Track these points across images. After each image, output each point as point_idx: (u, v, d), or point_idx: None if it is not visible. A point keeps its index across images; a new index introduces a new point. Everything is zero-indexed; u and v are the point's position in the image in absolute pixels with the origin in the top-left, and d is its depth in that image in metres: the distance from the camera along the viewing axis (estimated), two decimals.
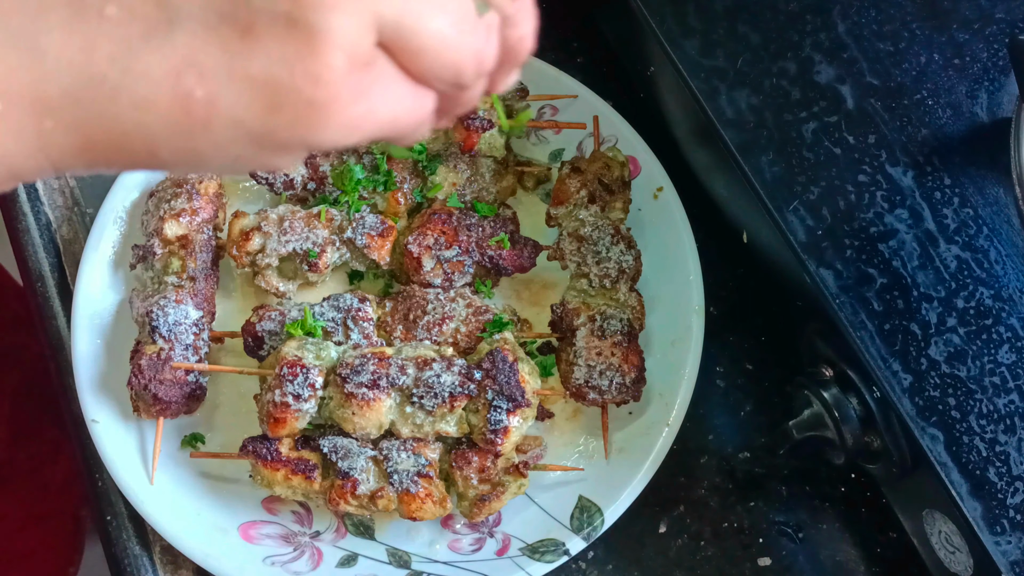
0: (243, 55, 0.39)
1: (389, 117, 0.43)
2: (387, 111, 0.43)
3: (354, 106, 0.41)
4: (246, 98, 0.40)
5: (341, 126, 0.41)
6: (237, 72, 0.40)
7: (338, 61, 0.40)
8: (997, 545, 0.60)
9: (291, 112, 0.40)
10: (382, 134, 0.44)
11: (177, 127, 0.40)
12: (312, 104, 0.40)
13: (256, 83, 0.40)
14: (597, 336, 0.77)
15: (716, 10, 0.74)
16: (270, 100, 0.40)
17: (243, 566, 0.75)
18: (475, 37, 0.44)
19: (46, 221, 0.86)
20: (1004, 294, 0.65)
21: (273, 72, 0.40)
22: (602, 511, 0.76)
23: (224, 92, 0.40)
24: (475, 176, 0.83)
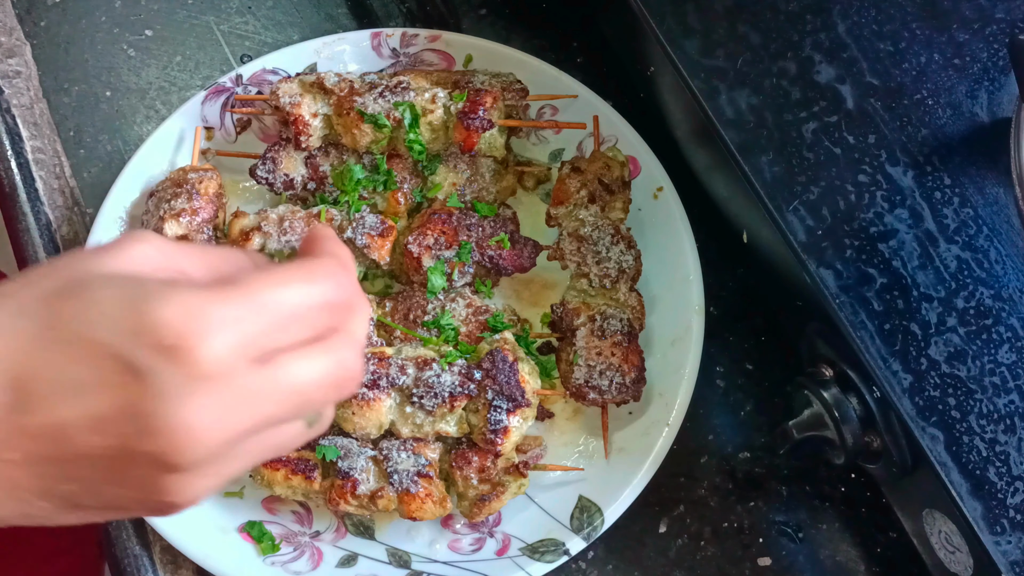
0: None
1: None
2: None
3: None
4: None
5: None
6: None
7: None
8: (997, 545, 0.60)
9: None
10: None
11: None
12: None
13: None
14: (597, 336, 0.77)
15: (716, 10, 0.74)
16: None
17: (243, 566, 0.75)
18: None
19: (46, 221, 0.86)
20: (1004, 294, 0.65)
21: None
22: (602, 511, 0.76)
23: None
24: (475, 176, 0.83)
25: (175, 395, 0.41)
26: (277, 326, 0.44)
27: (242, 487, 0.78)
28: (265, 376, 0.44)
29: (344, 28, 0.94)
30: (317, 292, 0.46)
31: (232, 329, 0.43)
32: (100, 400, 0.42)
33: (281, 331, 0.45)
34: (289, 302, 0.45)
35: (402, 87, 0.81)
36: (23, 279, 0.45)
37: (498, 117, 0.82)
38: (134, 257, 0.45)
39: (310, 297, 0.46)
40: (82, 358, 0.42)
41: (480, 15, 0.94)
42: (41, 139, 0.90)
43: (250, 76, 0.87)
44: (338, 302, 0.47)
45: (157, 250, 0.46)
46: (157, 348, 0.41)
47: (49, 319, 0.43)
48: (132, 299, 0.42)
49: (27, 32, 0.94)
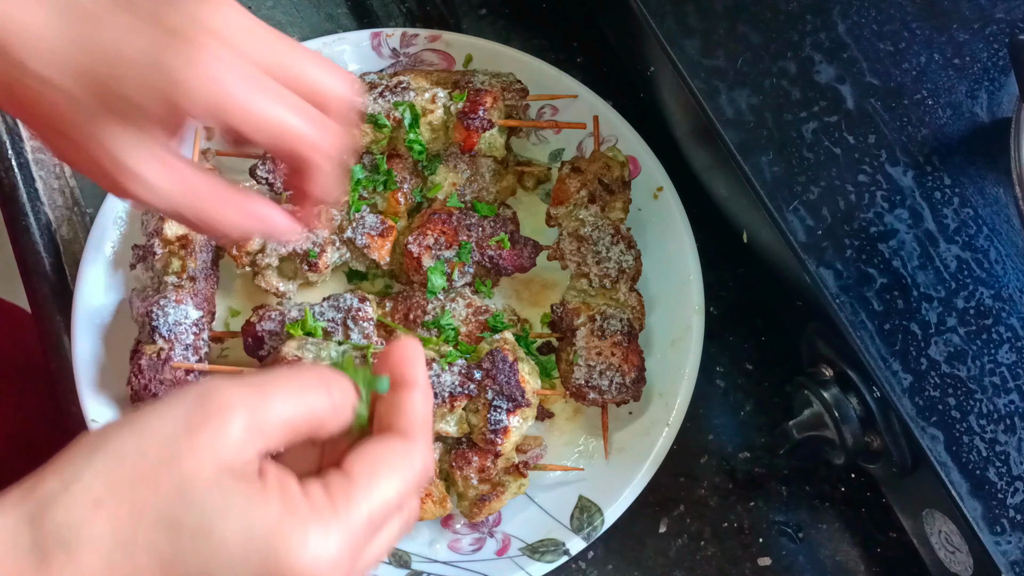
0: None
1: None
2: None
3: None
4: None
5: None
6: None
7: None
8: (997, 545, 0.60)
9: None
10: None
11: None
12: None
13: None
14: (597, 336, 0.77)
15: (716, 10, 0.74)
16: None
17: None
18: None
19: (46, 221, 0.86)
20: (1004, 294, 0.65)
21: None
22: (602, 511, 0.76)
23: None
24: (475, 176, 0.83)
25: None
26: (380, 525, 0.48)
27: None
28: (364, 564, 0.48)
29: (344, 28, 0.94)
30: (414, 480, 0.50)
31: (349, 553, 0.46)
32: None
33: (396, 512, 0.49)
34: (393, 498, 0.48)
35: (402, 87, 0.81)
36: (109, 483, 0.43)
37: (498, 117, 0.82)
38: (230, 447, 0.45)
39: (407, 487, 0.49)
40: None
41: (480, 15, 0.94)
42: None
43: None
44: (428, 465, 0.51)
45: (246, 429, 0.46)
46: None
47: (166, 555, 0.43)
48: (260, 544, 0.43)
49: None
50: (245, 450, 0.45)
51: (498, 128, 0.81)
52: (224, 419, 0.45)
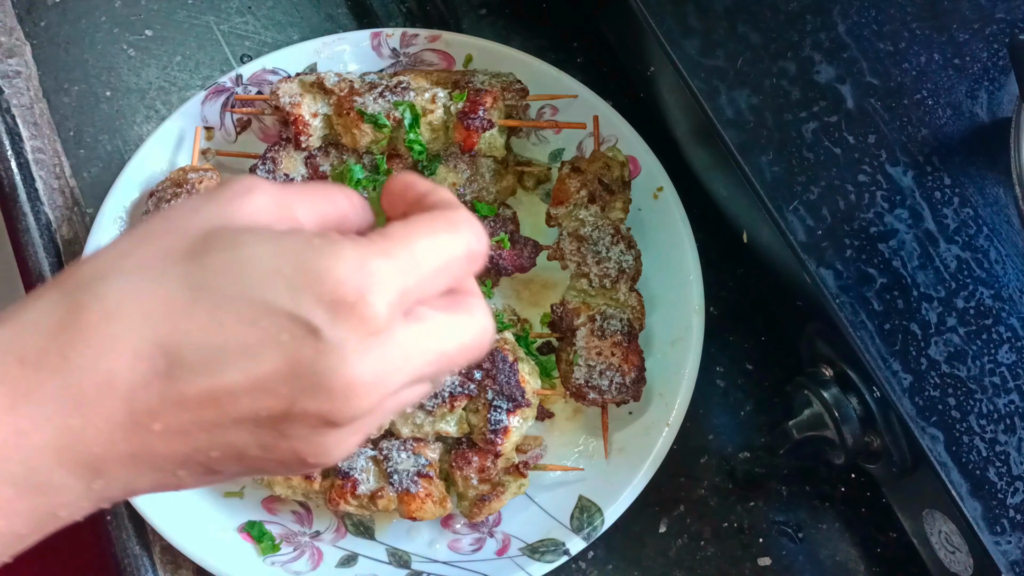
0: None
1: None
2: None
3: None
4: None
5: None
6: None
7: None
8: (997, 545, 0.60)
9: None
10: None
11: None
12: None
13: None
14: (597, 336, 0.77)
15: (716, 10, 0.74)
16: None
17: (243, 566, 0.75)
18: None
19: (46, 221, 0.86)
20: (1004, 294, 0.65)
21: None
22: (602, 511, 0.76)
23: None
24: (475, 176, 0.83)
25: (348, 351, 0.40)
26: (427, 280, 0.44)
27: (242, 487, 0.78)
28: (418, 333, 0.43)
29: (344, 28, 0.94)
30: (462, 243, 0.45)
31: (394, 285, 0.42)
32: (266, 361, 0.40)
33: (429, 283, 0.44)
34: (439, 256, 0.44)
35: (402, 87, 0.81)
36: (136, 240, 0.43)
37: (498, 117, 0.82)
38: (256, 209, 0.43)
39: (456, 248, 0.45)
40: (245, 318, 0.40)
41: (480, 15, 0.94)
42: (41, 139, 0.90)
43: (250, 76, 0.87)
44: (476, 252, 0.46)
45: (272, 199, 0.44)
46: (330, 305, 0.40)
47: (195, 280, 0.41)
48: (294, 255, 0.41)
49: (27, 32, 0.94)
50: (270, 214, 0.43)
51: (498, 128, 0.81)
52: (249, 192, 0.44)
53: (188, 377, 0.40)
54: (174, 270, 0.41)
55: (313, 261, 0.41)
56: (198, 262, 0.41)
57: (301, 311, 0.40)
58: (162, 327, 0.40)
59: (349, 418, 0.42)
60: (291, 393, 0.40)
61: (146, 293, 0.41)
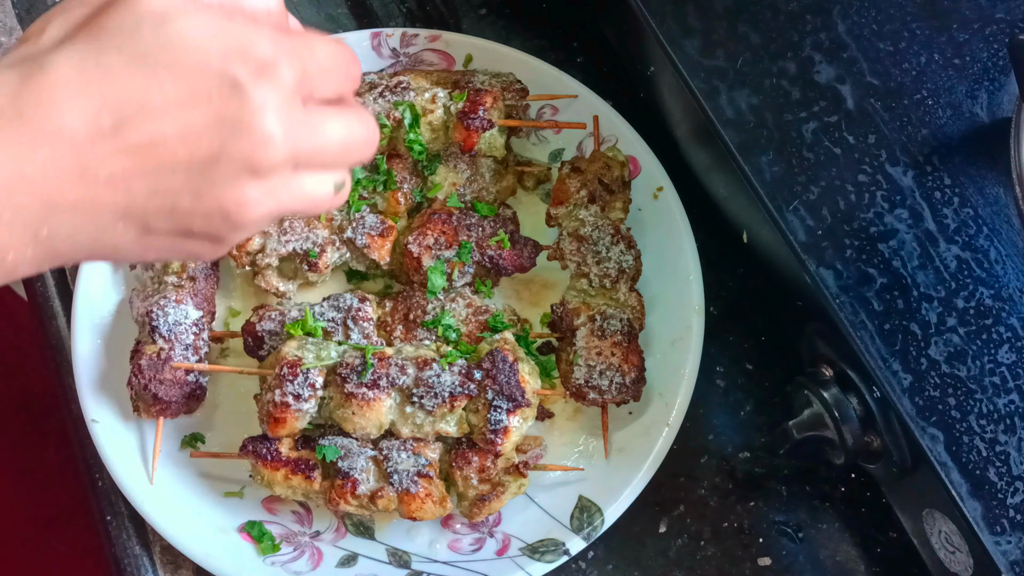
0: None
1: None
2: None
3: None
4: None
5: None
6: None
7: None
8: (997, 545, 0.60)
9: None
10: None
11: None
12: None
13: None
14: (597, 336, 0.77)
15: (716, 10, 0.74)
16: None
17: (243, 566, 0.75)
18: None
19: None
20: (1004, 294, 0.65)
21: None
22: (602, 511, 0.76)
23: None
24: (475, 176, 0.83)
25: (268, 106, 0.48)
26: (320, 73, 0.52)
27: (242, 487, 0.78)
28: (319, 112, 0.51)
29: (344, 28, 0.94)
30: (346, 55, 0.54)
31: (300, 62, 0.50)
32: (200, 111, 0.47)
33: (321, 79, 0.52)
34: (330, 54, 0.52)
35: (402, 87, 0.81)
36: (77, 11, 0.49)
37: (498, 117, 0.82)
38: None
39: (343, 55, 0.53)
40: (182, 77, 0.47)
41: (480, 15, 0.94)
42: None
43: None
44: (354, 71, 0.55)
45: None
46: (255, 68, 0.48)
47: (138, 48, 0.47)
48: (225, 28, 0.48)
49: None
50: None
51: (498, 128, 0.81)
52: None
53: (132, 128, 0.46)
54: (112, 43, 0.47)
55: (239, 34, 0.48)
56: (135, 34, 0.47)
57: (230, 70, 0.47)
58: (106, 88, 0.46)
59: (266, 162, 0.48)
60: (220, 137, 0.47)
61: (89, 61, 0.47)
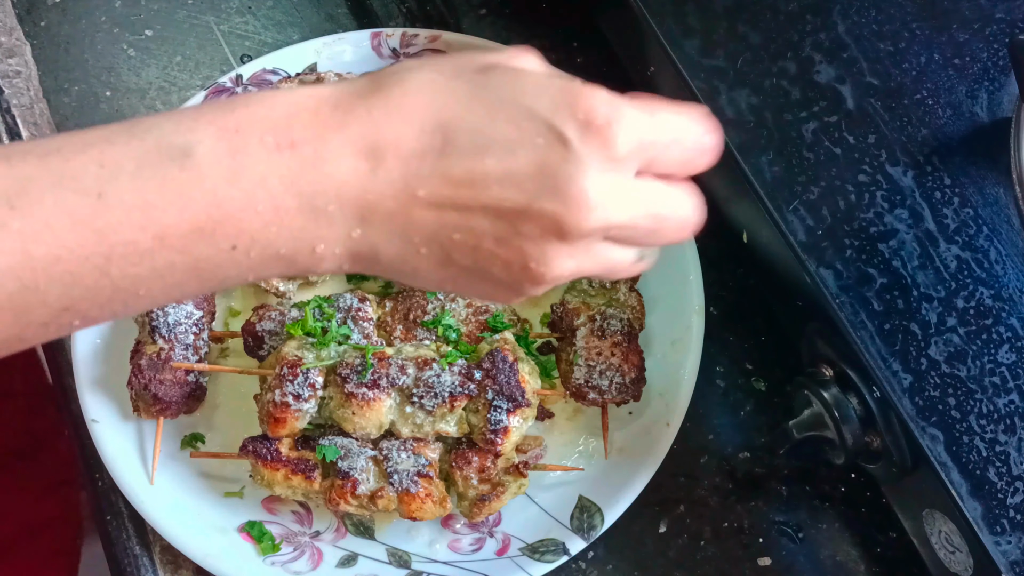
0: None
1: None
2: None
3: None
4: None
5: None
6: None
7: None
8: (997, 545, 0.60)
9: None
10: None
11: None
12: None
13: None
14: (597, 336, 0.77)
15: (716, 10, 0.74)
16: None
17: (243, 566, 0.75)
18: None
19: None
20: (1004, 294, 0.65)
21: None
22: (602, 511, 0.76)
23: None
24: None
25: (588, 165, 0.47)
26: (664, 145, 0.50)
27: (242, 487, 0.78)
28: (645, 185, 0.50)
29: (344, 28, 0.94)
30: (697, 128, 0.52)
31: (639, 130, 0.49)
32: (521, 157, 0.48)
33: (664, 151, 0.50)
34: (678, 127, 0.51)
35: None
36: (431, 59, 0.53)
37: None
38: (532, 62, 0.52)
39: (691, 129, 0.52)
40: (511, 119, 0.48)
41: (480, 15, 0.94)
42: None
43: (250, 76, 0.87)
44: (707, 144, 0.52)
45: (544, 66, 0.53)
46: (583, 124, 0.47)
47: (481, 83, 0.49)
48: (563, 82, 0.49)
49: (27, 32, 0.94)
50: (542, 67, 0.53)
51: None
52: (526, 52, 0.53)
53: (456, 156, 0.48)
54: (464, 76, 0.50)
55: (575, 90, 0.48)
56: (484, 74, 0.50)
57: (557, 122, 0.47)
58: (446, 112, 0.48)
59: (575, 229, 0.48)
60: (534, 189, 0.48)
61: (439, 84, 0.49)
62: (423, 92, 0.49)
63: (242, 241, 0.48)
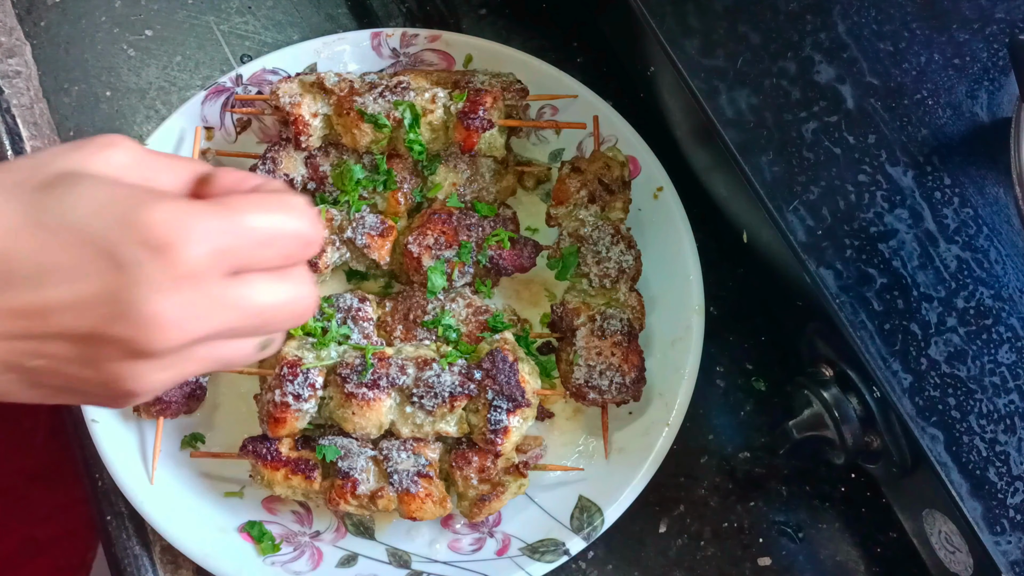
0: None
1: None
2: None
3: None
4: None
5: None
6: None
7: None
8: (997, 545, 0.60)
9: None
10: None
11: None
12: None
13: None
14: (597, 336, 0.77)
15: (716, 10, 0.74)
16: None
17: (243, 566, 0.75)
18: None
19: None
20: (1004, 294, 0.65)
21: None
22: (602, 511, 0.76)
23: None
24: (475, 176, 0.83)
25: (153, 287, 0.45)
26: (252, 247, 0.49)
27: (242, 487, 0.78)
28: (234, 290, 0.48)
29: (344, 28, 0.94)
30: (292, 224, 0.50)
31: (213, 240, 0.47)
32: (84, 284, 0.45)
33: (255, 252, 0.49)
34: (266, 228, 0.49)
35: (402, 87, 0.81)
36: (4, 168, 0.49)
37: (498, 117, 0.82)
38: (111, 162, 0.49)
39: (285, 227, 0.50)
40: (68, 245, 0.45)
41: (480, 15, 0.94)
42: (41, 139, 0.90)
43: (250, 76, 0.87)
44: (307, 236, 0.51)
45: (131, 157, 0.50)
46: (142, 244, 0.45)
47: (37, 206, 0.46)
48: (121, 199, 0.46)
49: (27, 32, 0.94)
50: (126, 169, 0.49)
51: (498, 128, 0.81)
52: (112, 146, 0.49)
53: (16, 289, 0.46)
54: (22, 196, 0.47)
55: (136, 207, 0.46)
56: (44, 193, 0.47)
57: (114, 246, 0.45)
58: (2, 242, 0.46)
59: (154, 351, 0.46)
60: (102, 316, 0.46)
61: (5, 211, 0.46)
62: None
63: None
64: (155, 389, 0.49)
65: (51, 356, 0.47)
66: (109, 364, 0.47)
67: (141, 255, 0.45)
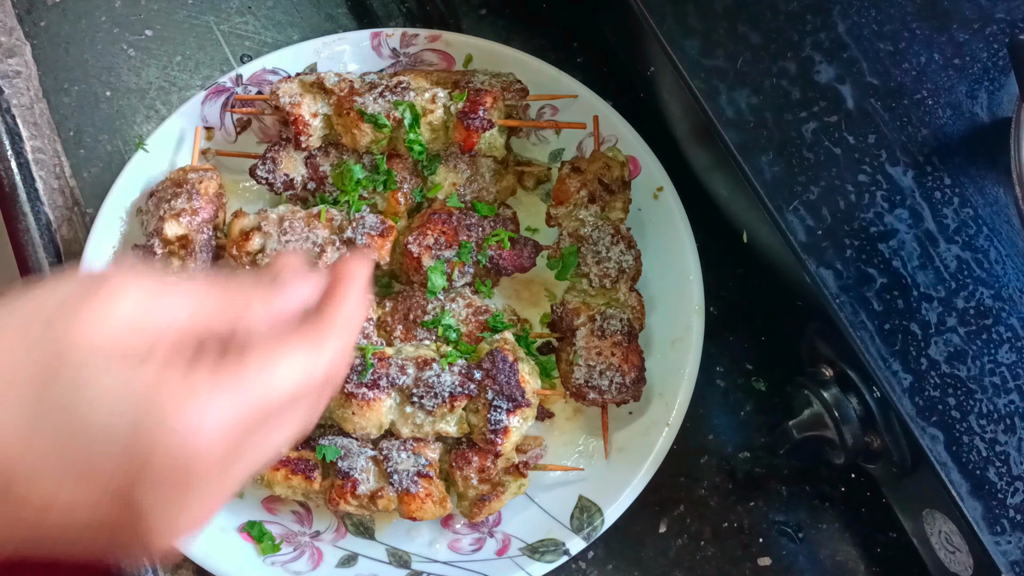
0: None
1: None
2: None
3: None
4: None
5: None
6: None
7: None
8: (997, 545, 0.60)
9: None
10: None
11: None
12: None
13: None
14: (597, 336, 0.77)
15: (716, 10, 0.74)
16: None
17: (243, 566, 0.75)
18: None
19: (46, 221, 0.86)
20: (1004, 294, 0.65)
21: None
22: (602, 511, 0.76)
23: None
24: (475, 176, 0.83)
25: (167, 520, 0.44)
26: (270, 412, 0.46)
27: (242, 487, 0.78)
28: (245, 460, 0.46)
29: (344, 28, 0.94)
30: (320, 368, 0.48)
31: (227, 427, 0.44)
32: (97, 508, 0.43)
33: (274, 413, 0.46)
34: (286, 386, 0.46)
35: (402, 87, 0.81)
36: (5, 311, 0.45)
37: (498, 117, 0.82)
38: (116, 326, 0.44)
39: (310, 376, 0.47)
40: (78, 455, 0.42)
41: (480, 15, 0.94)
42: (41, 139, 0.90)
43: (250, 76, 0.87)
44: (335, 371, 0.49)
45: (142, 305, 0.45)
46: (155, 479, 0.43)
47: (40, 403, 0.43)
48: (129, 414, 0.43)
49: (27, 32, 0.94)
50: (131, 327, 0.44)
51: (498, 128, 0.81)
52: (114, 298, 0.44)
53: (21, 500, 0.43)
54: (16, 393, 0.42)
55: (146, 418, 0.42)
56: (38, 392, 0.42)
57: (126, 490, 0.42)
58: (4, 445, 0.42)
59: (165, 543, 0.45)
60: (111, 544, 0.45)
61: (14, 410, 0.42)
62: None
63: None
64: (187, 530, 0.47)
65: (52, 552, 0.45)
66: (116, 548, 0.47)
67: (158, 494, 0.43)
